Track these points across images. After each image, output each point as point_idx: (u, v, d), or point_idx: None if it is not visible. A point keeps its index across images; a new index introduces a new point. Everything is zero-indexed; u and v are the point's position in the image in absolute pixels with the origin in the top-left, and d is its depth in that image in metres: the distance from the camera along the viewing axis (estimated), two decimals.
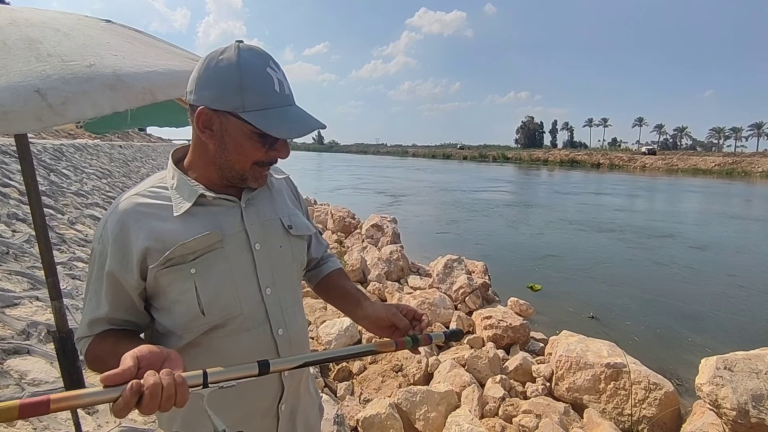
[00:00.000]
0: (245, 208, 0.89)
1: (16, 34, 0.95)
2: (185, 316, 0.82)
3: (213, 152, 0.83)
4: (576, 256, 9.24)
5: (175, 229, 0.81)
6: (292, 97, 0.83)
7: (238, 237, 0.87)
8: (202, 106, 0.78)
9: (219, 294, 0.83)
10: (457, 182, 31.09)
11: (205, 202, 0.85)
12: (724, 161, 61.58)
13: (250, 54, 0.77)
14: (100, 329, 0.84)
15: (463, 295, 5.15)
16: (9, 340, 2.41)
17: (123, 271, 0.80)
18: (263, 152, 0.83)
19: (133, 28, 1.33)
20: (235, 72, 0.75)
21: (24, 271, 3.31)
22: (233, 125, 0.79)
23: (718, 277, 7.88)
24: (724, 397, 2.83)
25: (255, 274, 0.88)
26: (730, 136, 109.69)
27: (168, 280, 0.80)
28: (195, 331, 0.83)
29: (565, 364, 3.50)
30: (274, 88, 0.78)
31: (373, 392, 3.42)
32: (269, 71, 0.78)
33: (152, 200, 0.83)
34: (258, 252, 0.88)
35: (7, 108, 0.80)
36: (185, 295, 0.81)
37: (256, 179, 0.87)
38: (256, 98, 0.76)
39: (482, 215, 15.13)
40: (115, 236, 0.80)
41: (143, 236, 0.79)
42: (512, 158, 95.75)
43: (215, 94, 0.77)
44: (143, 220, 0.80)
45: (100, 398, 0.57)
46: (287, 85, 0.82)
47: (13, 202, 4.79)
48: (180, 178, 0.85)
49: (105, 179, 9.34)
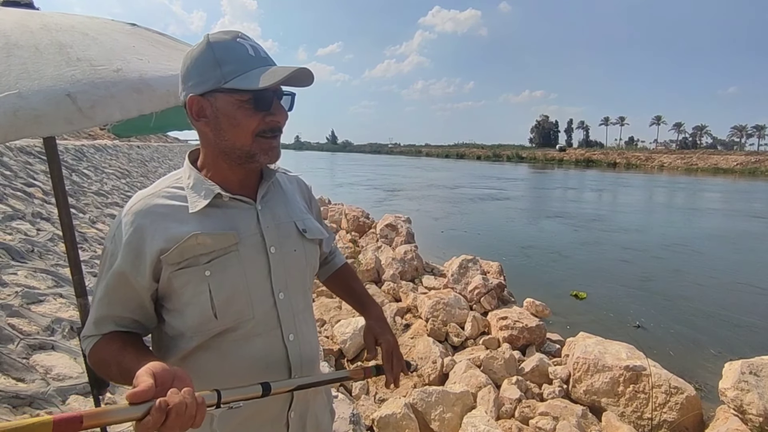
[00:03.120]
0: (261, 210, 0.88)
1: (47, 38, 0.97)
2: (197, 318, 0.81)
3: (214, 139, 0.83)
4: (591, 258, 9.11)
5: (191, 230, 0.80)
6: (270, 60, 0.82)
7: (253, 239, 0.85)
8: (190, 95, 0.80)
9: (232, 297, 0.82)
10: (469, 181, 30.91)
11: (220, 203, 0.84)
12: (746, 160, 60.01)
13: (217, 34, 0.81)
14: (107, 329, 0.83)
15: (478, 295, 5.12)
16: (34, 336, 2.48)
17: (135, 271, 0.80)
18: (259, 119, 0.81)
19: (156, 31, 1.36)
20: (208, 52, 0.78)
21: (48, 269, 3.39)
22: (222, 102, 0.79)
23: (741, 280, 7.68)
24: (749, 403, 2.76)
25: (269, 278, 0.86)
26: (753, 135, 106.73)
27: (182, 282, 0.80)
28: (206, 333, 0.82)
29: (583, 366, 3.45)
30: (248, 53, 0.79)
31: (388, 392, 3.42)
32: (239, 41, 0.80)
33: (168, 201, 0.83)
34: (273, 255, 0.87)
35: (39, 111, 0.82)
36: (199, 298, 0.80)
37: (265, 152, 0.83)
38: (233, 66, 0.78)
39: (496, 214, 15.02)
40: (129, 237, 0.79)
41: (158, 238, 0.79)
42: (527, 158, 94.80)
43: (197, 80, 0.79)
44: (159, 222, 0.80)
45: (128, 416, 0.58)
46: (262, 50, 0.82)
47: (37, 202, 4.92)
48: (196, 177, 0.85)
49: (124, 179, 9.54)
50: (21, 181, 5.31)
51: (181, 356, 0.85)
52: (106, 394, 2.18)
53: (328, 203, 13.21)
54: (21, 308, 2.67)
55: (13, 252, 3.41)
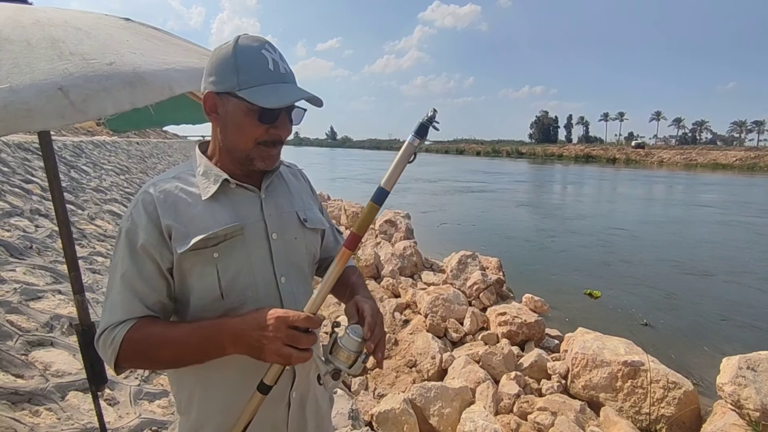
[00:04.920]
0: (264, 198, 0.93)
1: (39, 33, 0.96)
2: (205, 298, 0.85)
3: (220, 135, 0.88)
4: (587, 254, 9.12)
5: (199, 214, 0.85)
6: (288, 77, 0.86)
7: (257, 226, 0.90)
8: (208, 90, 0.85)
9: (238, 278, 0.86)
10: (468, 177, 30.88)
11: (227, 190, 0.89)
12: (745, 155, 59.90)
13: (246, 39, 0.84)
14: (137, 312, 0.82)
15: (477, 291, 5.13)
16: (33, 333, 2.48)
17: (158, 245, 0.82)
18: (263, 130, 0.85)
19: (151, 26, 1.35)
20: (231, 55, 0.82)
21: (47, 266, 3.39)
22: (233, 105, 0.83)
23: (739, 276, 7.69)
24: (747, 398, 2.77)
25: (271, 263, 0.91)
26: (753, 130, 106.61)
27: (190, 263, 0.83)
28: (212, 313, 0.85)
29: (581, 361, 3.46)
30: (268, 67, 0.82)
31: (387, 387, 3.43)
32: (264, 53, 0.83)
33: (182, 185, 0.88)
34: (275, 241, 0.92)
35: (31, 105, 0.81)
36: (207, 278, 0.84)
37: (263, 159, 0.88)
38: (249, 77, 0.81)
39: (496, 211, 15.01)
40: (149, 213, 0.83)
41: (170, 218, 0.83)
42: (526, 153, 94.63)
43: (216, 78, 0.83)
44: (172, 203, 0.85)
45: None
46: (283, 66, 0.85)
47: (35, 198, 4.91)
48: (207, 164, 0.90)
49: (123, 175, 9.52)
50: (19, 178, 5.30)
51: None
52: (105, 390, 2.19)
53: (328, 199, 13.20)
54: (20, 305, 2.67)
55: (12, 249, 3.41)
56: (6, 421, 1.82)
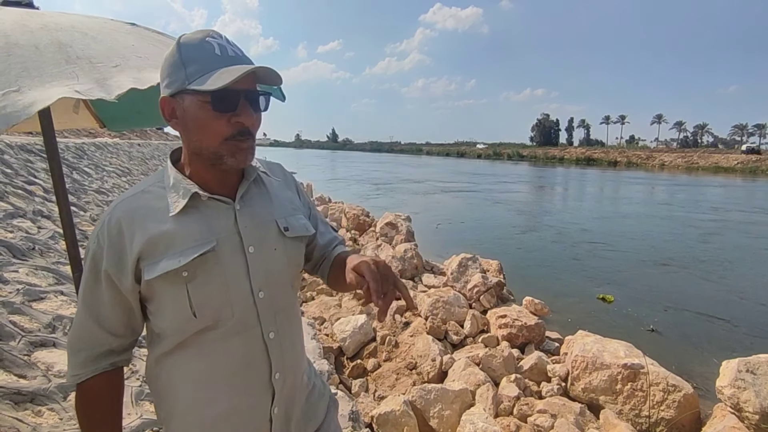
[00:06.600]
0: (239, 209, 0.87)
1: (47, 38, 0.99)
2: (177, 318, 0.82)
3: (185, 139, 0.84)
4: (587, 256, 9.12)
5: (169, 230, 0.80)
6: (240, 59, 0.81)
7: (231, 240, 0.85)
8: (162, 96, 0.81)
9: (211, 297, 0.82)
10: (467, 179, 30.91)
11: (198, 203, 0.84)
12: (747, 159, 59.81)
13: (188, 34, 0.81)
14: (102, 340, 0.85)
15: (477, 293, 5.13)
16: (36, 333, 2.50)
17: (119, 273, 0.80)
18: (224, 121, 0.79)
19: (156, 30, 1.37)
20: (176, 53, 0.78)
21: (49, 267, 3.41)
22: (188, 102, 0.79)
23: (740, 278, 7.69)
24: (746, 401, 2.77)
25: (248, 278, 0.86)
26: (754, 133, 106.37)
27: (160, 284, 0.80)
28: (186, 332, 0.83)
29: (581, 364, 3.46)
30: (215, 53, 0.78)
31: (387, 389, 3.44)
32: (208, 40, 0.79)
33: (149, 201, 0.83)
34: (251, 255, 0.87)
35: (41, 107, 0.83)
36: (177, 298, 0.81)
37: (233, 154, 0.82)
38: (196, 66, 0.77)
39: (496, 211, 15.02)
40: (112, 237, 0.80)
41: (138, 239, 0.79)
42: (527, 156, 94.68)
43: (167, 80, 0.80)
44: (139, 222, 0.81)
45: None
46: (232, 49, 0.80)
47: (38, 200, 4.94)
48: (176, 177, 0.85)
49: (124, 177, 9.55)
50: (22, 179, 5.32)
51: (164, 352, 0.86)
52: None
53: (329, 201, 13.21)
54: (22, 305, 2.69)
55: (15, 249, 3.43)
56: (9, 420, 1.84)
